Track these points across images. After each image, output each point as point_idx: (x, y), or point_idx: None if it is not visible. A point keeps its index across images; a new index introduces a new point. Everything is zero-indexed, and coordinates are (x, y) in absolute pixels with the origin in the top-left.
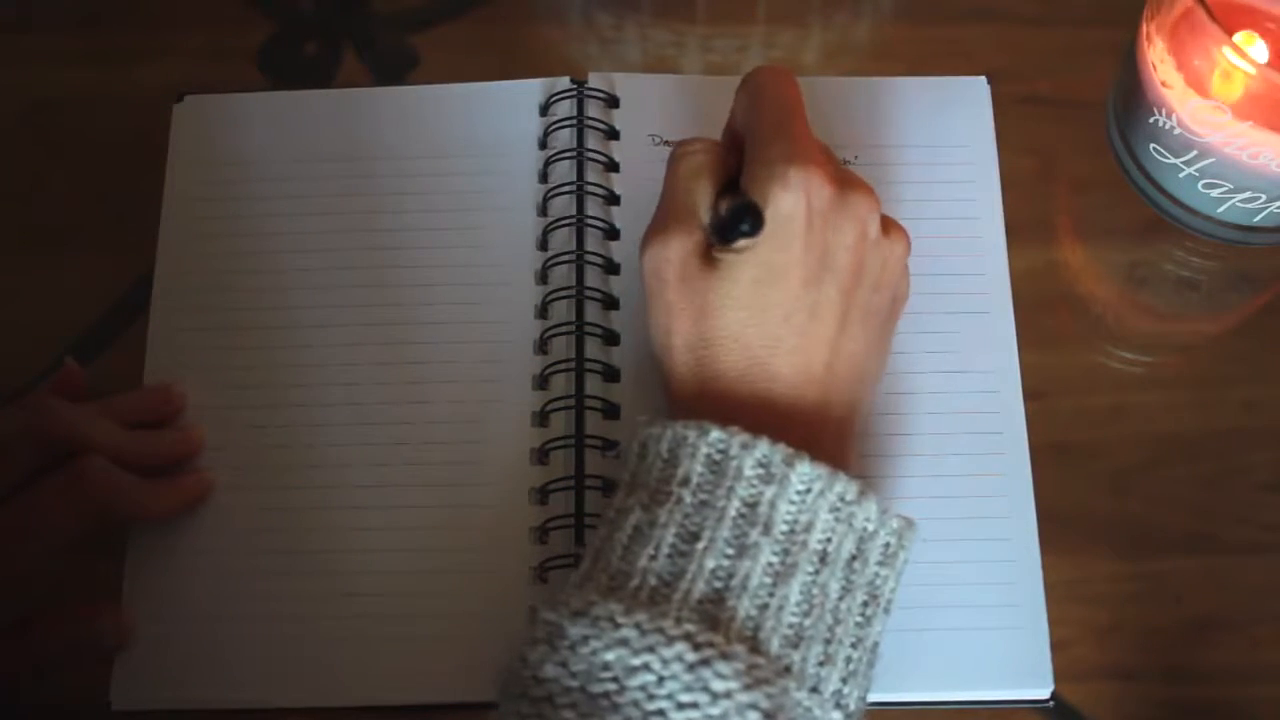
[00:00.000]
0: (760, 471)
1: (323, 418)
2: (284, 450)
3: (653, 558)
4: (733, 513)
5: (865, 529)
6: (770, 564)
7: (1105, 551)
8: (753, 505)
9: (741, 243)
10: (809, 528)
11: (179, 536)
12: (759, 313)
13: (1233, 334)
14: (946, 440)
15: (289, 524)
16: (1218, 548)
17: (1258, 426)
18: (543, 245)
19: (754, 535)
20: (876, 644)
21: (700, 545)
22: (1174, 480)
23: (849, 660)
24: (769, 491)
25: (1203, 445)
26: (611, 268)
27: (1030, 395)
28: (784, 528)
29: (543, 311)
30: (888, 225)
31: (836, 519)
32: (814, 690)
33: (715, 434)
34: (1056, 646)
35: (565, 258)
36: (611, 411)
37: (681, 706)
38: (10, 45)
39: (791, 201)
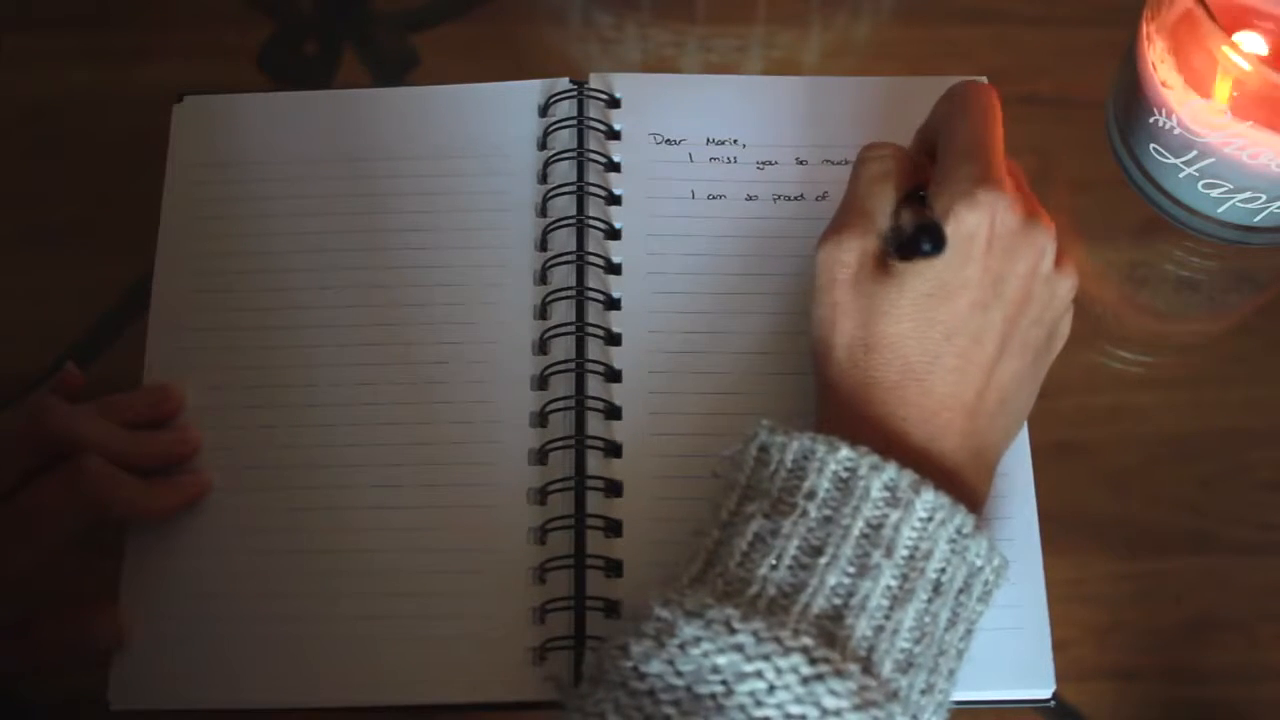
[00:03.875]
0: (887, 494)
1: (322, 418)
2: (283, 450)
3: (774, 567)
4: (857, 532)
5: (974, 564)
6: (889, 587)
7: (1105, 551)
8: (877, 527)
9: (920, 261)
10: (928, 555)
11: (177, 536)
12: (923, 326)
13: (1233, 334)
14: None
15: (288, 524)
16: (1218, 548)
17: (1258, 426)
18: (542, 246)
19: (876, 556)
20: (958, 678)
21: (823, 560)
22: (1174, 480)
23: (943, 692)
24: (894, 515)
25: (1203, 445)
26: (612, 268)
27: None
28: (905, 553)
29: (542, 312)
30: (1061, 261)
31: (953, 550)
32: (914, 718)
33: (845, 451)
34: (1057, 646)
35: (566, 258)
36: (612, 412)
37: (789, 718)
38: (10, 45)
39: (975, 221)
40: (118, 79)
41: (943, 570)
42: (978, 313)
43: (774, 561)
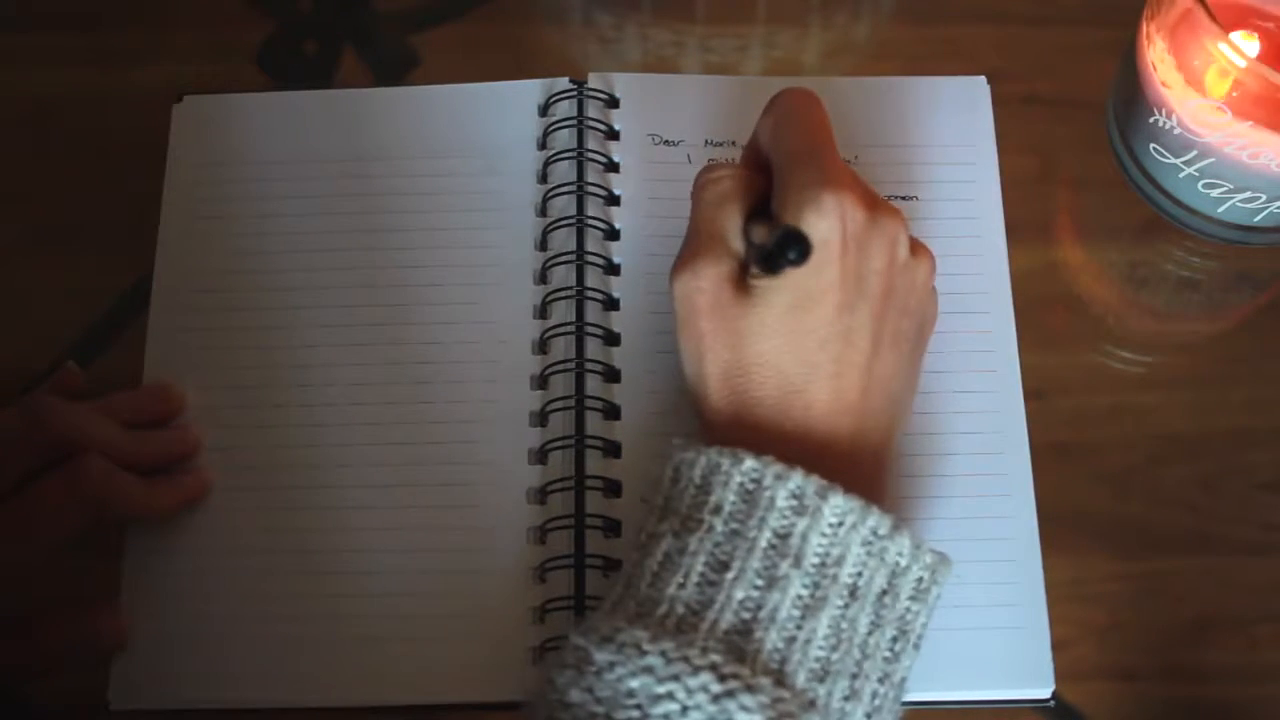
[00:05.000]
0: (793, 503)
1: (322, 418)
2: (283, 450)
3: (681, 586)
4: (763, 543)
5: (897, 564)
6: (799, 596)
7: (1105, 551)
8: (784, 536)
9: (789, 272)
10: (840, 561)
11: (177, 536)
12: (794, 339)
13: (1233, 334)
14: (946, 440)
15: (288, 524)
16: (1218, 548)
17: (1258, 426)
18: (542, 245)
19: (784, 567)
20: (905, 679)
21: (729, 575)
22: (1174, 480)
23: (875, 695)
24: (801, 523)
25: (1203, 445)
26: (611, 268)
27: (1030, 395)
28: (815, 560)
29: (542, 312)
30: (914, 246)
31: (868, 553)
32: None
33: (749, 463)
34: (1056, 646)
35: (565, 258)
36: (612, 412)
37: None
38: (10, 45)
39: (826, 227)
40: (118, 79)
41: (859, 574)
42: (845, 314)
43: (681, 580)
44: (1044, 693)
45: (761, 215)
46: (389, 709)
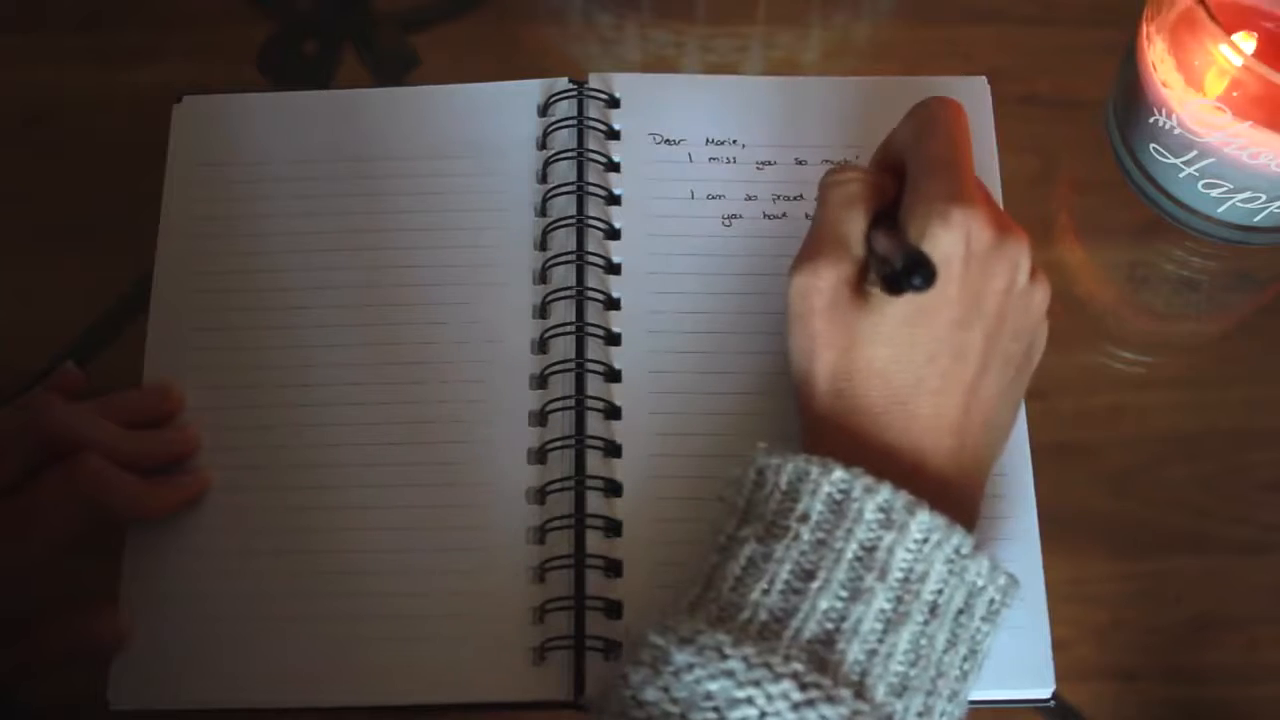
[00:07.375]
0: (881, 516)
1: (322, 417)
2: (283, 450)
3: (765, 592)
4: (850, 555)
5: (975, 584)
6: (883, 610)
7: (1105, 551)
8: (870, 549)
9: (910, 295)
10: (924, 578)
11: (177, 536)
12: (905, 350)
13: (1233, 334)
14: None
15: (288, 524)
16: (1218, 548)
17: (1258, 426)
18: (542, 245)
19: (869, 580)
20: (967, 699)
21: (815, 584)
22: (1174, 480)
23: (943, 714)
24: (888, 537)
25: (1203, 445)
26: (611, 268)
27: (1030, 395)
28: (899, 575)
29: (542, 312)
30: (1033, 272)
31: (950, 571)
32: None
33: (839, 473)
34: (1057, 646)
35: (565, 258)
36: (612, 412)
37: None
38: (10, 45)
39: (950, 241)
40: (118, 79)
41: (939, 592)
42: (958, 332)
43: (766, 586)
44: (1044, 693)
45: (886, 220)
46: (389, 709)
